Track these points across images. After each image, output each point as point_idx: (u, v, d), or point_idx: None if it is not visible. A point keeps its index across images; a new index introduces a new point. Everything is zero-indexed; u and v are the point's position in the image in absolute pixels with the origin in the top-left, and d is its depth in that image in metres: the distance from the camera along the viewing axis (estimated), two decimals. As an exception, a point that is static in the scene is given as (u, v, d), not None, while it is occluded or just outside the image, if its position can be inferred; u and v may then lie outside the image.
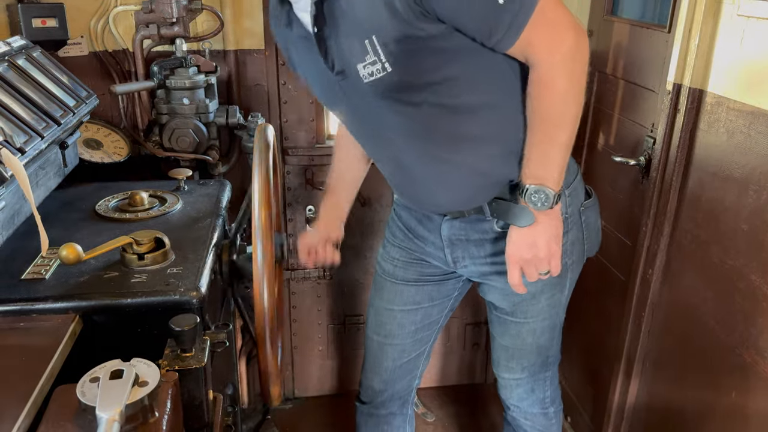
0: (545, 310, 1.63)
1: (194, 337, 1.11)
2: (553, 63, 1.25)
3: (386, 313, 1.76)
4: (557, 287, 1.61)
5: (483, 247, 1.54)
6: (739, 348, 1.57)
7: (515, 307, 1.63)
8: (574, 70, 1.27)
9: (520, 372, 1.76)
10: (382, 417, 1.90)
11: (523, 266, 1.43)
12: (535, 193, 1.34)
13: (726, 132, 1.60)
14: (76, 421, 0.90)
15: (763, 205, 1.47)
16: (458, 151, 1.39)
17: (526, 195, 1.35)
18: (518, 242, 1.41)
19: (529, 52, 1.25)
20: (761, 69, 1.48)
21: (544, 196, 1.34)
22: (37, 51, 1.76)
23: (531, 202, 1.35)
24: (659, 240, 1.88)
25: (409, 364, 1.83)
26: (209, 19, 2.18)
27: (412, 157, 1.42)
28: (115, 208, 1.67)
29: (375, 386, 1.86)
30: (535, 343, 1.70)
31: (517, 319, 1.66)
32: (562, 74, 1.26)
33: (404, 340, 1.78)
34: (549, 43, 1.24)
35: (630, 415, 2.15)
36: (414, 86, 1.28)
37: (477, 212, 1.49)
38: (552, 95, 1.28)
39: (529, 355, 1.72)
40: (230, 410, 1.61)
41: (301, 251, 1.79)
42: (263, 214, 1.30)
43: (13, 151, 1.31)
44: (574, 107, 1.30)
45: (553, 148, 1.33)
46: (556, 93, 1.28)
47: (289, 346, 2.77)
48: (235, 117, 2.16)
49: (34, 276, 1.30)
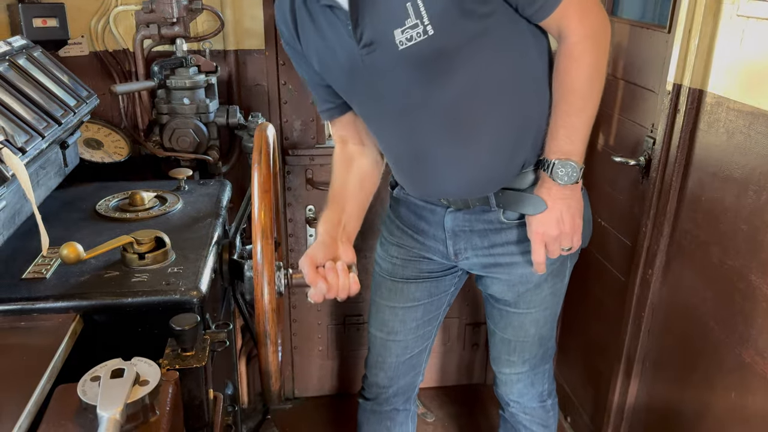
0: (548, 299, 1.64)
1: (195, 336, 1.12)
2: (583, 35, 1.30)
3: (388, 310, 1.77)
4: (559, 276, 1.62)
5: (487, 237, 1.55)
6: (738, 348, 1.57)
7: (519, 298, 1.64)
8: (601, 44, 1.33)
9: (521, 365, 1.76)
10: (385, 413, 1.90)
11: (548, 243, 1.45)
12: (562, 167, 1.36)
13: (726, 132, 1.60)
14: (76, 420, 0.90)
15: (763, 205, 1.47)
16: (482, 130, 1.39)
17: (552, 169, 1.37)
18: (544, 219, 1.42)
19: (563, 24, 1.30)
20: (761, 69, 1.48)
21: (570, 170, 1.37)
22: (38, 51, 1.76)
23: (557, 177, 1.37)
24: (659, 240, 1.88)
25: (412, 360, 1.84)
26: (210, 19, 2.18)
27: (431, 138, 1.41)
28: (116, 207, 1.67)
29: (379, 382, 1.86)
30: (537, 334, 1.70)
31: (520, 310, 1.66)
32: (592, 47, 1.31)
33: (407, 336, 1.78)
34: (581, 15, 1.29)
35: (630, 415, 2.15)
36: (450, 53, 1.28)
37: (482, 203, 1.50)
38: (580, 68, 1.32)
39: (531, 347, 1.73)
40: (230, 410, 1.61)
41: (309, 267, 1.38)
42: (263, 214, 1.30)
43: (14, 150, 1.31)
44: (599, 81, 1.35)
45: (579, 122, 1.36)
46: (585, 65, 1.32)
47: (289, 346, 2.77)
48: (236, 117, 2.16)
49: (35, 275, 1.31)
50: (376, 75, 1.35)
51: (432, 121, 1.38)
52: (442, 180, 1.48)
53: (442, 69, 1.30)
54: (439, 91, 1.34)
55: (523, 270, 1.57)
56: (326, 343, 2.80)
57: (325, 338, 2.79)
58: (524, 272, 1.58)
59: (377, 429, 1.92)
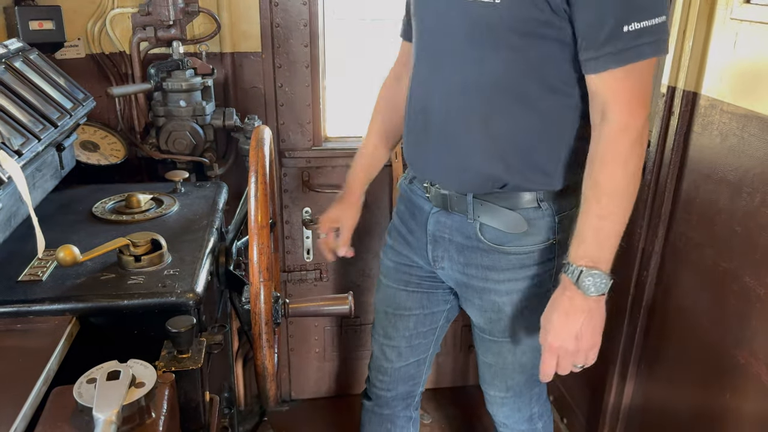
0: (522, 331, 1.55)
1: (191, 338, 1.12)
2: (631, 126, 1.21)
3: (383, 314, 1.77)
4: (538, 310, 1.42)
5: (463, 253, 1.52)
6: (733, 349, 1.58)
7: (491, 325, 1.57)
8: (644, 145, 1.24)
9: (505, 391, 1.70)
10: (385, 416, 1.90)
11: (561, 357, 1.33)
12: (590, 277, 1.25)
13: (719, 135, 1.61)
14: (72, 422, 0.90)
15: (757, 207, 1.48)
16: (487, 120, 1.35)
17: (578, 278, 1.25)
18: (562, 332, 1.31)
19: (611, 98, 1.22)
20: (754, 72, 1.49)
21: (599, 281, 1.25)
22: (34, 53, 1.76)
23: (583, 287, 1.25)
24: (654, 242, 1.89)
25: (409, 369, 1.82)
26: (206, 21, 2.18)
27: (445, 97, 1.38)
28: (112, 210, 1.67)
29: (378, 385, 1.86)
30: (516, 362, 1.62)
31: (495, 338, 1.59)
32: (639, 147, 1.23)
33: (400, 343, 1.78)
34: (633, 102, 1.21)
35: (625, 416, 2.15)
36: (498, 34, 1.27)
37: (460, 210, 1.47)
38: (625, 169, 1.23)
39: (512, 374, 1.66)
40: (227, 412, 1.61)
41: (323, 223, 1.78)
42: (260, 216, 1.31)
43: (10, 153, 1.31)
44: (636, 187, 1.26)
45: (611, 227, 1.25)
46: (630, 167, 1.23)
47: (286, 348, 2.77)
48: (232, 119, 2.16)
49: (31, 278, 1.31)
50: (443, 7, 1.34)
51: (454, 81, 1.36)
52: (432, 147, 1.45)
53: (484, 42, 1.28)
54: (472, 60, 1.32)
55: (495, 298, 1.52)
56: (323, 345, 2.80)
57: (322, 340, 2.79)
58: (496, 300, 1.52)
59: (378, 430, 1.92)
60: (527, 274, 1.48)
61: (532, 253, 1.46)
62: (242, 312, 1.54)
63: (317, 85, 2.36)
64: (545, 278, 1.47)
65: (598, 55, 1.20)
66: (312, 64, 2.32)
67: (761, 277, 1.47)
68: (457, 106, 1.38)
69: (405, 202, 1.66)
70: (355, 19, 3.36)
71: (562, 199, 1.43)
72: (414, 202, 1.62)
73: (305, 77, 2.33)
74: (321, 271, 2.63)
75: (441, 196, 1.50)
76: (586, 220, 1.27)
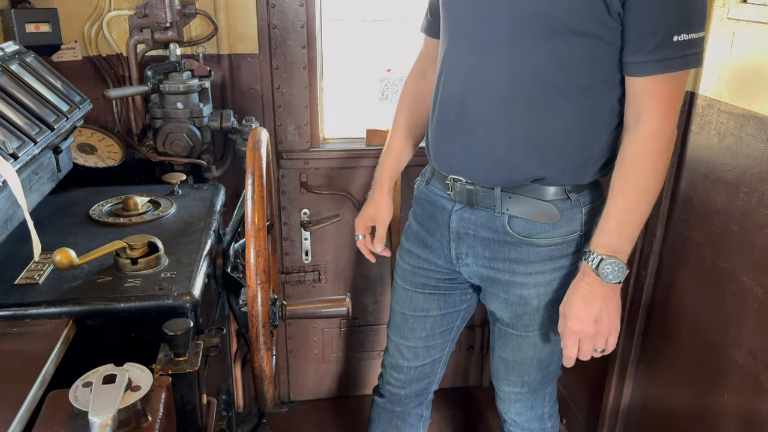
0: (546, 324, 1.57)
1: (188, 341, 1.12)
2: (663, 129, 1.29)
3: (400, 315, 1.79)
4: (560, 301, 1.51)
5: (489, 247, 1.53)
6: (731, 349, 1.58)
7: (516, 319, 1.59)
8: (671, 148, 1.33)
9: (520, 386, 1.72)
10: (397, 413, 1.90)
11: (582, 341, 1.41)
12: (609, 265, 1.33)
13: (717, 134, 1.61)
14: (68, 426, 0.90)
15: (754, 206, 1.48)
16: (551, 107, 1.36)
17: (599, 265, 1.34)
18: (582, 316, 1.39)
19: (648, 103, 1.28)
20: (751, 72, 1.49)
21: (617, 269, 1.33)
22: (31, 56, 1.76)
23: (603, 274, 1.34)
24: (652, 242, 1.89)
25: (425, 368, 1.83)
26: (203, 23, 2.18)
27: (502, 92, 1.38)
28: (109, 212, 1.67)
29: (393, 382, 1.87)
30: (536, 358, 1.64)
31: (518, 332, 1.61)
32: (667, 149, 1.32)
33: (417, 343, 1.78)
34: (668, 106, 1.28)
35: (625, 416, 2.15)
36: (546, 25, 1.29)
37: (487, 204, 1.48)
38: (654, 169, 1.31)
39: (529, 370, 1.67)
40: (224, 414, 1.61)
41: (359, 225, 1.79)
42: (257, 218, 1.30)
43: (6, 156, 1.31)
44: (659, 187, 1.34)
45: (634, 221, 1.34)
46: (660, 167, 1.32)
47: (285, 350, 2.77)
48: (229, 121, 2.16)
49: (28, 281, 1.30)
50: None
51: (496, 72, 1.37)
52: (465, 139, 1.45)
53: (532, 35, 1.30)
54: (517, 52, 1.33)
55: (522, 291, 1.54)
56: (321, 346, 2.80)
57: (321, 341, 2.79)
58: (523, 293, 1.54)
59: (387, 427, 1.92)
60: (555, 266, 1.50)
61: (561, 245, 1.48)
62: (239, 314, 1.53)
63: (315, 87, 2.36)
64: (572, 270, 1.48)
65: (646, 60, 1.25)
66: (309, 66, 2.32)
67: (759, 277, 1.47)
68: (499, 98, 1.38)
69: (423, 204, 1.67)
70: (356, 20, 3.37)
71: (589, 191, 1.47)
72: (434, 202, 1.62)
73: (302, 79, 2.33)
74: (319, 272, 2.63)
75: (466, 192, 1.50)
76: (611, 212, 1.34)
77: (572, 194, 1.45)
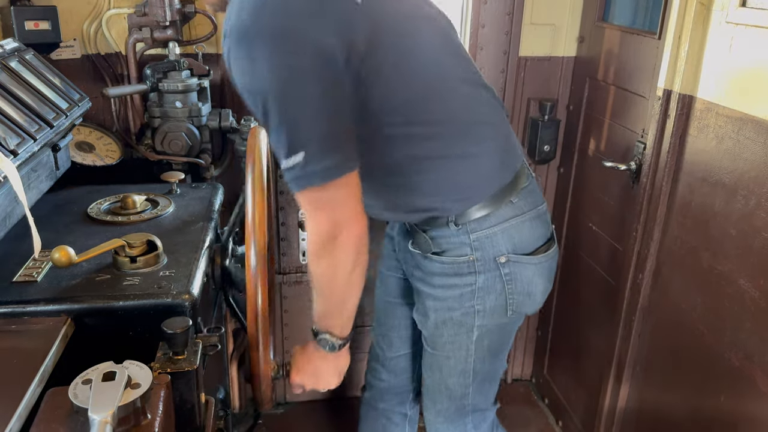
0: (447, 347, 1.57)
1: (186, 340, 1.11)
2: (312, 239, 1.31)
3: (379, 302, 1.85)
4: (462, 327, 1.53)
5: (413, 258, 1.57)
6: (728, 352, 1.58)
7: (425, 331, 1.60)
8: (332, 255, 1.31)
9: (435, 414, 1.71)
10: (381, 410, 1.92)
11: (305, 385, 1.55)
12: (322, 339, 1.44)
13: (715, 138, 1.61)
14: (68, 424, 0.89)
15: (752, 210, 1.49)
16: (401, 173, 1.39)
17: (316, 336, 1.45)
18: (303, 369, 1.52)
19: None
20: (749, 76, 1.50)
21: (328, 343, 1.44)
22: (30, 54, 1.75)
23: (319, 344, 1.45)
24: (649, 245, 1.89)
25: (400, 361, 1.85)
26: (202, 22, 2.18)
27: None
28: (108, 211, 1.66)
29: (373, 374, 1.91)
30: (443, 383, 1.63)
31: (427, 347, 1.62)
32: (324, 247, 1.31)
33: (390, 332, 1.82)
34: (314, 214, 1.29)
35: (621, 418, 2.16)
36: None
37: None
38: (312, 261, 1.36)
39: (439, 395, 1.66)
40: (222, 414, 1.61)
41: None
42: (256, 218, 1.30)
43: (6, 153, 1.31)
44: (331, 281, 1.37)
45: (322, 306, 1.42)
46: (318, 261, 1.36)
47: (281, 350, 2.76)
48: (228, 120, 2.16)
49: (26, 278, 1.30)
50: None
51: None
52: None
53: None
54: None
55: (428, 302, 1.54)
56: (318, 347, 2.79)
57: (317, 342, 2.78)
58: (429, 305, 1.55)
59: (374, 426, 1.94)
60: (455, 283, 1.49)
61: (459, 264, 1.47)
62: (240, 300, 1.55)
63: (314, 87, 2.36)
64: (467, 293, 1.48)
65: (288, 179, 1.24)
66: (308, 66, 2.31)
67: (756, 280, 1.48)
68: None
69: None
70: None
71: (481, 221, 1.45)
72: None
73: (302, 79, 2.33)
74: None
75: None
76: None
77: (452, 224, 1.45)
